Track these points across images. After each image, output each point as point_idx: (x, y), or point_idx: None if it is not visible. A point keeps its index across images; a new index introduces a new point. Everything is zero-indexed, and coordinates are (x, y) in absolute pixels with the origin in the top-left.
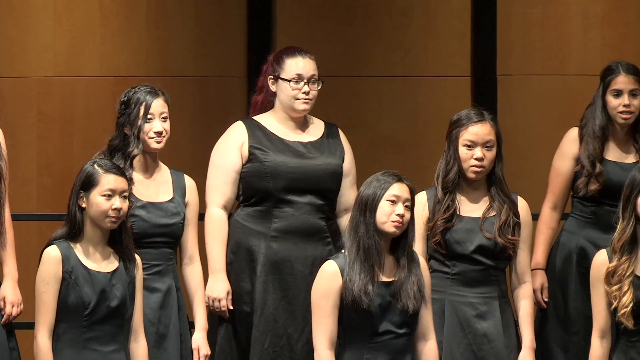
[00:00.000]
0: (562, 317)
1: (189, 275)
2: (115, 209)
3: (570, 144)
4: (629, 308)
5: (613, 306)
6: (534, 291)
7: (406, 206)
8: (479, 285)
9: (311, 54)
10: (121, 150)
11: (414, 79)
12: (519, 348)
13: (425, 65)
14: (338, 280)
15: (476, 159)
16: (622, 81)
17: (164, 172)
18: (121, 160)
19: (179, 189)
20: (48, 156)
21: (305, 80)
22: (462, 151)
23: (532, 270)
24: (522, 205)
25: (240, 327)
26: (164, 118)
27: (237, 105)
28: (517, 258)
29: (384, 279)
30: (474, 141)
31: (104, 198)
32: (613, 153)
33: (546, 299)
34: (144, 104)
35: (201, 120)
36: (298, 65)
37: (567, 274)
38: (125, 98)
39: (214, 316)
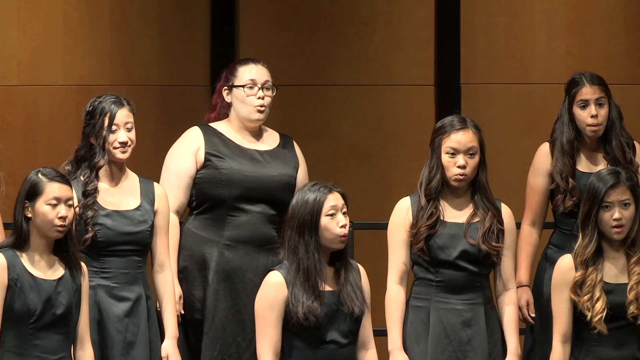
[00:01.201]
0: (545, 327)
1: (160, 283)
2: (61, 218)
3: (542, 160)
4: (604, 314)
5: (588, 317)
6: (520, 308)
7: (344, 212)
8: (463, 292)
9: (264, 62)
10: (87, 160)
11: (378, 88)
12: (504, 354)
13: (388, 74)
14: (283, 291)
15: (459, 166)
16: (587, 92)
17: (131, 180)
18: (87, 170)
19: (147, 197)
20: (12, 165)
21: (259, 86)
22: (445, 159)
23: (516, 287)
24: (505, 212)
25: (192, 334)
26: (128, 128)
27: (200, 114)
28: (502, 265)
29: (328, 288)
30: (456, 148)
31: (49, 207)
32: (585, 163)
33: (532, 314)
34: (108, 114)
35: (165, 128)
36: (251, 71)
37: None
38: (91, 108)
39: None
